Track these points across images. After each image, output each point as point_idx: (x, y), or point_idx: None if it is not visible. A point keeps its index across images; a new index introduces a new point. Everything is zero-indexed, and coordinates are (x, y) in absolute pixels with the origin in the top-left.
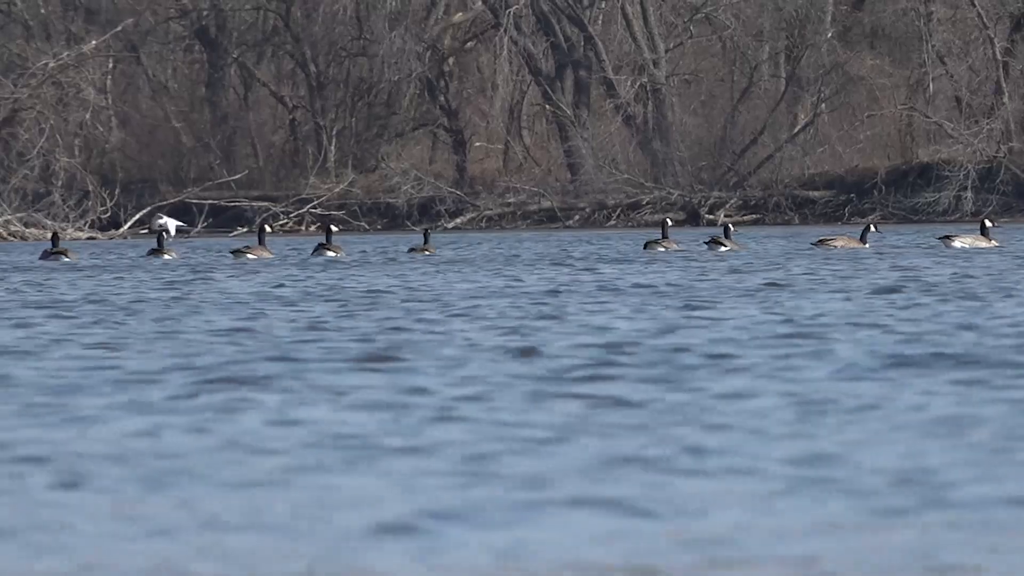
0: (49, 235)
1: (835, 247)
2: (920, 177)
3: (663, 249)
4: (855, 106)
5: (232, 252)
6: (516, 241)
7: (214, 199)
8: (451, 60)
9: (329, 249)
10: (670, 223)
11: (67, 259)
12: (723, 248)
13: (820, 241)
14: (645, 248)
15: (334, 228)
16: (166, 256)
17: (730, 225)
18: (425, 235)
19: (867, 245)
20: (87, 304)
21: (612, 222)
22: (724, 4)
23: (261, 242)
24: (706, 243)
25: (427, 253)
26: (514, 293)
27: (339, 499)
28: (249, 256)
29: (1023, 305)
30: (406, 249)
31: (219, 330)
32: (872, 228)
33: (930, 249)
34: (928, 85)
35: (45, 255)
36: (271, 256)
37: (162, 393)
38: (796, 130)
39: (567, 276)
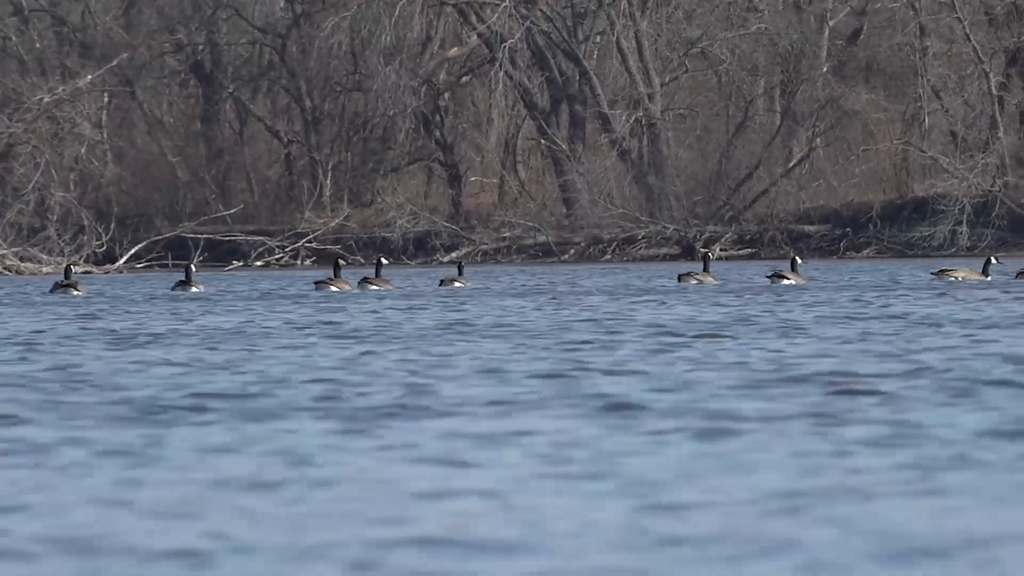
0: (44, 269)
1: (956, 278)
2: (915, 211)
3: (696, 281)
4: (850, 140)
5: (316, 283)
6: (586, 274)
7: (209, 233)
8: (446, 95)
9: (374, 283)
10: (712, 257)
11: (77, 292)
12: (786, 281)
13: (941, 272)
14: (679, 280)
15: (384, 261)
16: (194, 288)
17: (797, 259)
18: (459, 267)
19: (989, 277)
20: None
21: (607, 256)
22: (719, 39)
23: (337, 275)
24: (768, 277)
25: (458, 285)
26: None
27: None
28: (332, 288)
29: None
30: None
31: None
32: (994, 260)
33: None
34: (923, 119)
35: (56, 288)
36: (350, 288)
37: None
38: (791, 164)
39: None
